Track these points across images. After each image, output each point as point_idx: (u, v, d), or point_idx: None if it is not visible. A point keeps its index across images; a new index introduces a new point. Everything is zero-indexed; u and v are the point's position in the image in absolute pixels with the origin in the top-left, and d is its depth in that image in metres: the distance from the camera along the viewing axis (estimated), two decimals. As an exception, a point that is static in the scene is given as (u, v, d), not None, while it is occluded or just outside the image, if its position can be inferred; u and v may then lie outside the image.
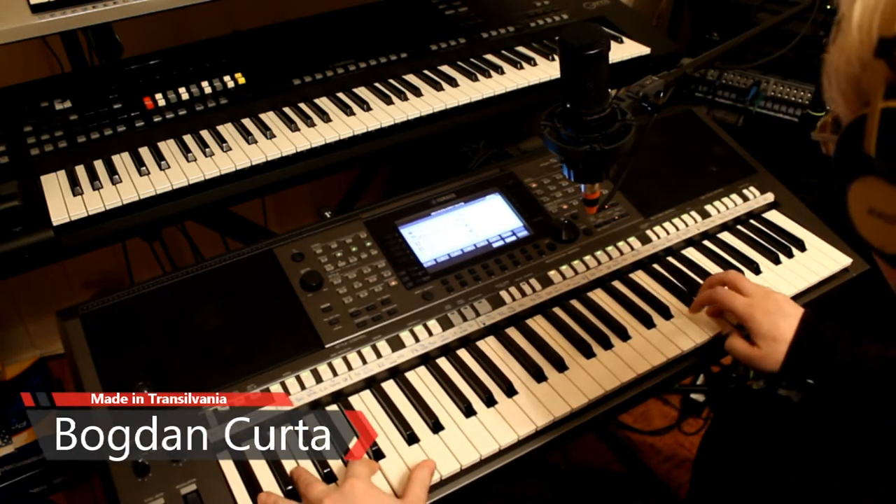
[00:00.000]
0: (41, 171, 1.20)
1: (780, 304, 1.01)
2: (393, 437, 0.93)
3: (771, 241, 1.26)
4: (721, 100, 2.03)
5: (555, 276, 1.14)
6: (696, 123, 1.48)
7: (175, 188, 1.19)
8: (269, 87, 1.39)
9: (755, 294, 1.03)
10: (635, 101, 0.94)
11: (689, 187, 1.32)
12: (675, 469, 1.90)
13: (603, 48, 0.81)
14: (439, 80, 1.43)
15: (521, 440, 0.94)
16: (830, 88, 0.50)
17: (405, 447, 0.92)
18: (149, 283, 1.05)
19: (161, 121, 1.30)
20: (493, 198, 1.24)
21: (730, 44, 1.06)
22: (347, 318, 1.04)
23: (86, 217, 1.13)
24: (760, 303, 1.01)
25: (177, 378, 0.94)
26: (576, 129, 0.86)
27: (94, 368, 0.95)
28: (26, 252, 1.08)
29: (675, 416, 2.03)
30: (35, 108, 1.29)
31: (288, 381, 0.96)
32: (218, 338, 1.00)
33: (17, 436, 1.68)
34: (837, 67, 0.48)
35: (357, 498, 0.80)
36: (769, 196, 1.34)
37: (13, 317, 2.01)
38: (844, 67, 0.47)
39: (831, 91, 0.50)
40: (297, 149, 1.27)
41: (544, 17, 1.64)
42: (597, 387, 1.00)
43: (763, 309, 1.00)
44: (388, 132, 1.34)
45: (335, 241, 1.13)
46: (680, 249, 1.25)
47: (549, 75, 1.47)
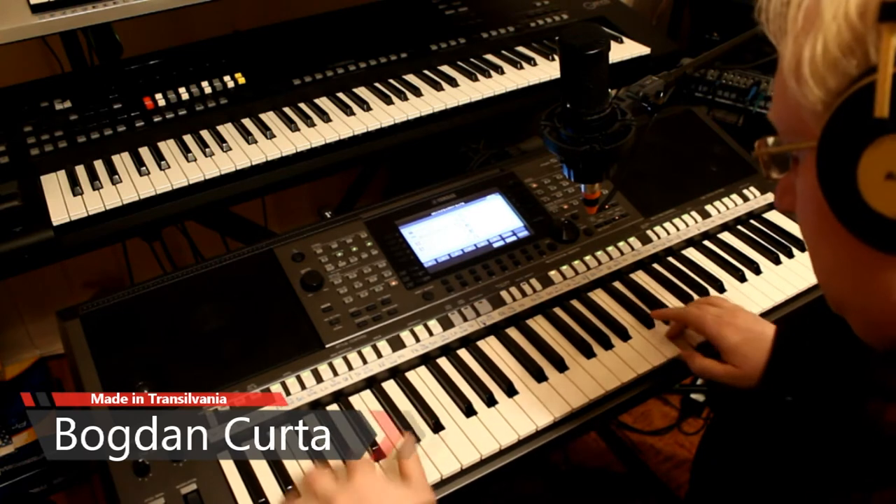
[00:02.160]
0: (41, 171, 1.20)
1: (749, 319, 1.01)
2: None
3: (771, 241, 1.26)
4: (721, 100, 2.02)
5: (555, 276, 1.14)
6: (696, 123, 1.48)
7: (175, 188, 1.19)
8: (269, 87, 1.39)
9: (723, 312, 1.02)
10: (635, 101, 0.94)
11: (690, 187, 1.32)
12: (675, 469, 1.90)
13: (603, 48, 0.81)
14: (439, 80, 1.43)
15: (522, 440, 0.94)
16: (798, 84, 0.50)
17: (405, 447, 0.92)
18: (149, 283, 1.05)
19: (161, 121, 1.30)
20: (493, 198, 1.24)
21: (730, 44, 1.06)
22: (348, 318, 1.04)
23: (86, 217, 1.13)
24: (730, 318, 1.00)
25: (177, 378, 0.94)
26: (576, 129, 0.87)
27: (94, 368, 0.95)
28: (26, 252, 1.08)
29: (675, 416, 2.02)
30: (35, 108, 1.29)
31: (288, 381, 0.96)
32: (218, 338, 1.00)
33: (17, 436, 1.68)
34: (815, 54, 0.49)
35: (368, 491, 0.80)
36: (769, 196, 1.34)
37: (13, 317, 2.01)
38: (833, 45, 0.48)
39: (799, 87, 0.50)
40: (297, 149, 1.27)
41: (544, 17, 1.64)
42: (597, 387, 1.00)
43: (732, 325, 0.99)
44: (388, 132, 1.34)
45: (335, 241, 1.13)
46: (680, 249, 1.25)
47: (549, 75, 1.47)
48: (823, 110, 0.50)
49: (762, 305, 1.15)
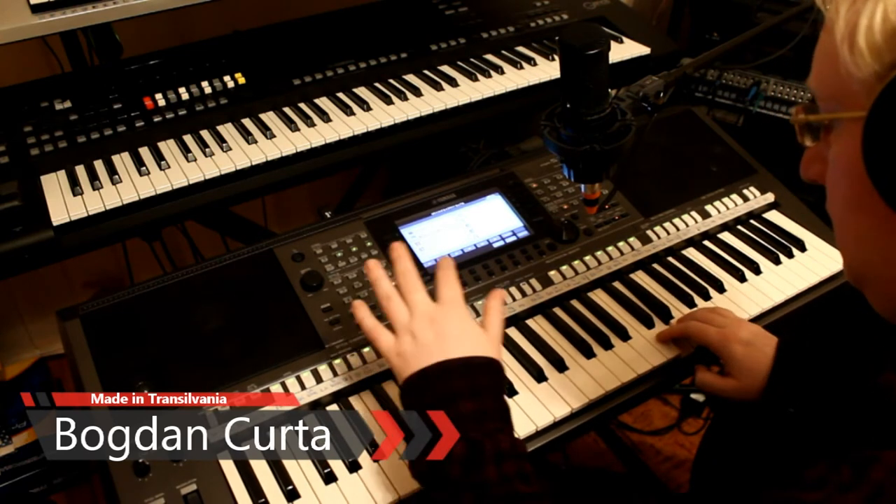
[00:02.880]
0: (41, 171, 1.20)
1: (753, 332, 1.01)
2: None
3: (771, 241, 1.26)
4: (721, 100, 2.03)
5: (555, 276, 1.14)
6: (696, 123, 1.48)
7: (175, 188, 1.19)
8: (269, 87, 1.39)
9: (728, 324, 1.02)
10: (635, 101, 0.94)
11: (690, 187, 1.32)
12: (675, 469, 1.90)
13: (603, 48, 0.81)
14: (439, 80, 1.43)
15: (522, 440, 0.94)
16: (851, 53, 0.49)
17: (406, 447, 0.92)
18: (149, 283, 1.05)
19: (161, 121, 1.30)
20: (493, 198, 1.24)
21: (730, 44, 1.06)
22: (348, 318, 1.04)
23: (86, 217, 1.13)
24: (734, 332, 1.00)
25: (177, 378, 0.94)
26: (576, 128, 0.86)
27: (94, 368, 0.95)
28: (26, 252, 1.08)
29: (675, 416, 2.03)
30: (35, 108, 1.29)
31: (288, 382, 0.96)
32: (218, 338, 1.00)
33: (17, 436, 1.68)
34: (873, 24, 0.47)
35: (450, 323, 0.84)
36: (769, 196, 1.34)
37: (13, 317, 2.01)
38: (894, 16, 0.46)
39: (852, 56, 0.49)
40: (297, 149, 1.27)
41: (544, 17, 1.64)
42: (597, 387, 1.00)
43: (737, 338, 0.99)
44: (388, 132, 1.34)
45: (335, 241, 1.13)
46: (680, 249, 1.25)
47: (549, 75, 1.47)
48: (876, 82, 0.48)
49: (762, 305, 1.15)
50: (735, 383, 0.99)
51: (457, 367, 0.79)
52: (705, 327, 1.02)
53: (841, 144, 0.55)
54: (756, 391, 0.96)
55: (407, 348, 0.83)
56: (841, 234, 0.61)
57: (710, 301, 1.15)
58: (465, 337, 0.83)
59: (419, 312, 0.85)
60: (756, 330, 1.02)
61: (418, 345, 0.82)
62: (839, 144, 0.55)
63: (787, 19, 1.21)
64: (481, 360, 0.81)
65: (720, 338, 1.00)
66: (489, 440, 0.74)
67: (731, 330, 1.01)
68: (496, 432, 0.76)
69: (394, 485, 0.87)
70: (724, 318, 1.04)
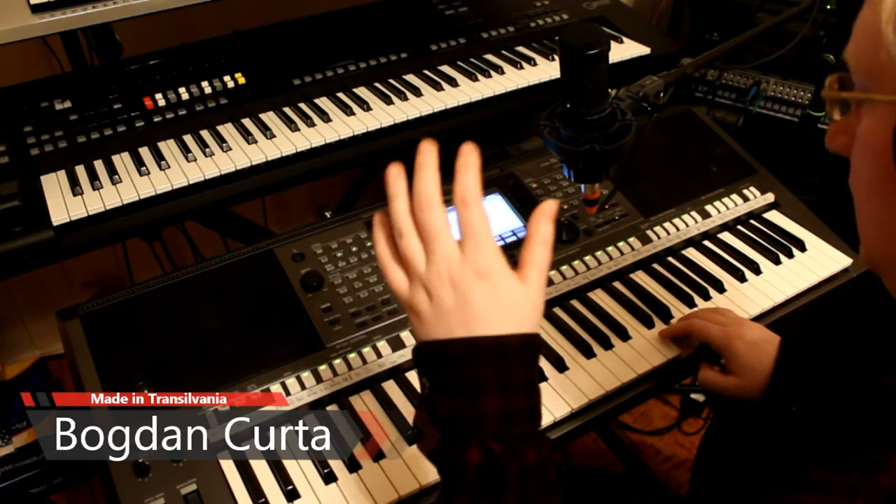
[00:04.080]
0: (41, 171, 1.20)
1: (756, 331, 1.00)
2: (394, 437, 0.93)
3: (771, 241, 1.26)
4: (721, 100, 2.03)
5: (555, 276, 1.14)
6: (696, 123, 1.48)
7: (175, 188, 1.19)
8: (269, 87, 1.39)
9: (729, 322, 1.02)
10: (635, 101, 0.94)
11: (690, 187, 1.32)
12: (675, 469, 1.90)
13: (603, 48, 0.81)
14: (439, 80, 1.43)
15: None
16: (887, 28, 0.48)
17: (407, 448, 0.92)
18: (149, 283, 1.05)
19: (161, 121, 1.30)
20: (493, 198, 1.24)
21: (730, 44, 1.06)
22: (348, 318, 1.04)
23: (86, 217, 1.13)
24: (736, 330, 1.00)
25: (177, 378, 0.94)
26: (576, 128, 0.86)
27: (94, 368, 0.94)
28: (26, 252, 1.08)
29: (675, 416, 2.03)
30: (35, 108, 1.29)
31: (288, 381, 0.96)
32: (218, 338, 1.00)
33: (17, 436, 1.68)
34: None
35: (476, 288, 0.67)
36: (769, 196, 1.34)
37: (13, 317, 2.01)
38: None
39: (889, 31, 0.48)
40: (297, 149, 1.27)
41: (544, 17, 1.64)
42: (597, 387, 1.00)
43: (739, 336, 0.99)
44: (388, 132, 1.34)
45: (335, 241, 1.13)
46: (680, 249, 1.25)
47: (549, 75, 1.47)
48: None
49: (762, 305, 1.15)
50: (737, 381, 0.98)
51: (486, 352, 0.65)
52: (708, 325, 1.03)
53: (872, 122, 0.53)
54: (758, 389, 0.96)
55: (423, 307, 0.68)
56: (861, 218, 0.59)
57: (710, 301, 1.15)
58: (497, 306, 0.67)
59: (437, 265, 0.69)
60: (759, 328, 1.02)
61: (435, 308, 0.67)
62: (870, 122, 0.54)
63: (787, 19, 1.21)
64: (516, 341, 0.67)
65: (723, 335, 1.00)
66: (515, 461, 0.63)
67: (733, 328, 1.01)
68: (522, 442, 0.65)
69: (394, 485, 0.87)
70: (727, 316, 1.05)
